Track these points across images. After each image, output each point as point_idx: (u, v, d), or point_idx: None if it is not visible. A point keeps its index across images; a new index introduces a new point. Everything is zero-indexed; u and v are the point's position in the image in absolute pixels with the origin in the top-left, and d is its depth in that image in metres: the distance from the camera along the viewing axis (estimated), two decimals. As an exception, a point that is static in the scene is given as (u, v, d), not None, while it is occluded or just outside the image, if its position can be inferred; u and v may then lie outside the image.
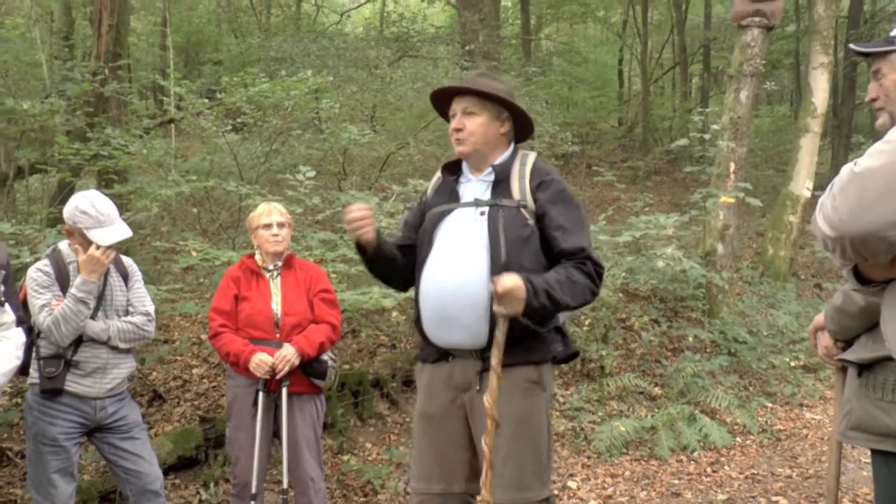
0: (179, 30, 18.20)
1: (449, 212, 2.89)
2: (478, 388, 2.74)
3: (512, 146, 2.96)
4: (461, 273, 2.74)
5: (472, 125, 2.86)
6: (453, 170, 3.03)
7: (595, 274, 2.73)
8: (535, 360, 2.75)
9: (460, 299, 2.71)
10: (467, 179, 2.97)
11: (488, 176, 2.89)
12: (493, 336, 2.61)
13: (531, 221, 2.75)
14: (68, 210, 3.49)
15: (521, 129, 3.00)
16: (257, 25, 18.58)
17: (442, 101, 3.01)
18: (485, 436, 2.54)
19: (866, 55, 2.22)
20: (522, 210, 2.76)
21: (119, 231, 3.53)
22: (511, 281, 2.51)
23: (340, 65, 11.51)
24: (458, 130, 2.87)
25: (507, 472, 2.68)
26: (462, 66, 11.37)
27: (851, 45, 2.31)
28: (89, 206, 3.46)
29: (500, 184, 2.85)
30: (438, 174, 3.09)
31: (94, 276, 3.45)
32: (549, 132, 11.07)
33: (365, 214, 2.82)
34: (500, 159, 2.89)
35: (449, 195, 2.96)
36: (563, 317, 2.87)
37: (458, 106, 2.90)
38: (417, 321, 2.92)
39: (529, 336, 2.72)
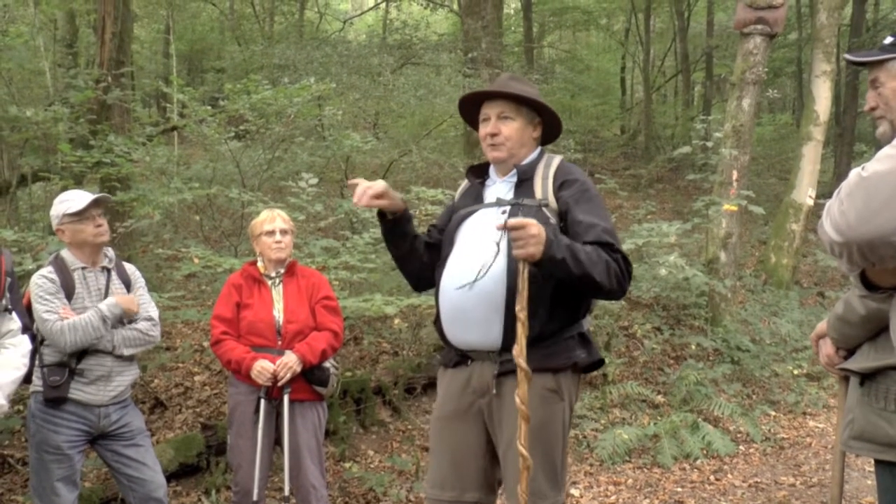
0: (182, 37, 18.25)
1: (472, 213, 2.88)
2: (495, 392, 2.72)
3: (539, 149, 2.96)
4: (477, 272, 2.71)
5: (508, 130, 2.84)
6: (479, 173, 3.03)
7: (625, 268, 2.66)
8: (553, 368, 2.70)
9: (476, 297, 2.69)
10: (493, 182, 2.96)
11: (512, 177, 2.88)
12: (511, 335, 2.58)
13: (553, 220, 2.70)
14: (52, 211, 3.62)
15: (548, 131, 3.00)
16: (260, 33, 18.62)
17: (468, 105, 2.99)
18: (518, 439, 2.51)
19: (862, 65, 2.22)
20: (544, 209, 2.72)
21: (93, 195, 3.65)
22: (526, 219, 2.47)
23: (343, 72, 11.53)
24: (494, 135, 2.85)
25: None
26: (465, 74, 11.39)
27: (846, 56, 2.30)
28: (65, 195, 3.66)
29: (524, 184, 2.83)
30: (465, 180, 3.09)
31: (121, 308, 3.57)
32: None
33: (374, 192, 2.74)
34: (525, 161, 2.88)
35: (474, 198, 2.96)
36: (587, 323, 2.83)
37: (491, 111, 2.87)
38: (437, 321, 2.91)
39: (549, 340, 2.69)
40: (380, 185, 2.76)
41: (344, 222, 7.97)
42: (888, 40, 2.15)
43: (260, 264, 4.07)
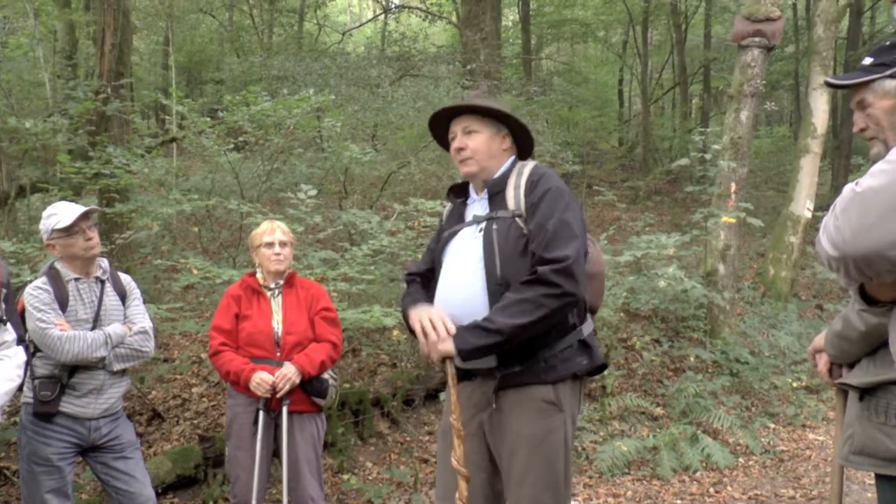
0: (182, 49, 18.29)
1: (455, 233, 2.90)
2: (494, 406, 2.72)
3: (511, 159, 2.94)
4: (461, 292, 2.74)
5: (474, 143, 2.86)
6: (460, 193, 3.04)
7: (548, 276, 2.55)
8: (551, 380, 2.68)
9: (463, 318, 2.70)
10: (473, 200, 2.97)
11: (486, 193, 2.89)
12: (500, 356, 2.65)
13: (527, 230, 2.70)
14: (41, 225, 3.60)
15: (522, 145, 2.99)
16: (259, 44, 18.66)
17: (439, 127, 3.02)
18: (452, 452, 2.61)
19: (845, 87, 2.22)
20: (517, 220, 2.72)
21: (81, 207, 3.62)
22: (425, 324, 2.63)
23: (342, 84, 11.55)
24: (461, 150, 2.87)
25: (523, 494, 2.66)
26: (463, 86, 11.40)
27: (827, 80, 2.31)
28: (53, 208, 3.61)
29: (496, 197, 2.83)
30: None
31: (122, 339, 3.60)
32: (550, 151, 11.08)
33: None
34: (496, 174, 2.88)
35: (458, 218, 2.97)
36: (587, 329, 2.79)
37: (457, 127, 2.91)
38: None
39: (546, 353, 2.68)
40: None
41: (343, 234, 7.97)
42: (867, 61, 2.16)
43: (259, 275, 4.07)
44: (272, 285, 4.03)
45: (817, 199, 11.36)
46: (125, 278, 3.85)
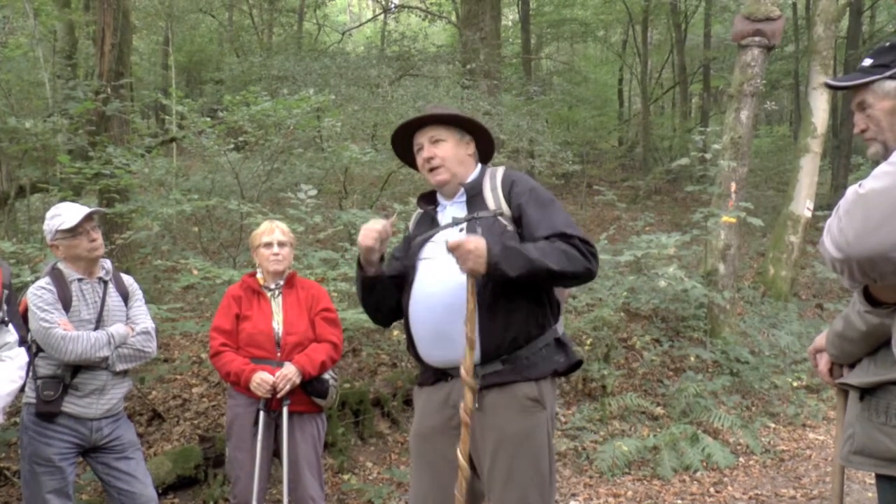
0: (181, 49, 18.30)
1: (431, 237, 2.92)
2: (476, 405, 2.71)
3: (480, 166, 3.03)
4: (447, 288, 2.75)
5: (443, 151, 2.91)
6: (430, 200, 3.08)
7: (584, 249, 2.66)
8: (534, 377, 2.73)
9: (449, 314, 2.72)
10: (444, 207, 3.01)
11: (461, 197, 2.95)
12: (487, 348, 2.68)
13: (510, 227, 2.77)
14: (45, 226, 3.61)
15: (484, 149, 3.07)
16: (259, 44, 18.65)
17: (401, 144, 3.07)
18: (458, 447, 2.61)
19: (846, 89, 2.22)
20: (500, 218, 2.79)
21: (85, 209, 3.62)
22: (464, 238, 2.56)
23: (342, 83, 11.55)
24: (431, 159, 2.91)
25: (510, 494, 2.66)
26: (463, 85, 11.41)
27: (828, 82, 2.32)
28: (57, 209, 3.62)
29: (474, 199, 2.89)
30: (418, 209, 3.14)
31: (125, 340, 3.61)
32: (550, 151, 11.10)
33: (380, 234, 2.81)
34: (470, 179, 2.95)
35: (429, 224, 3.00)
36: (561, 328, 2.85)
37: (422, 139, 2.95)
38: (410, 345, 2.93)
39: (527, 350, 2.72)
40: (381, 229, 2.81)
41: (343, 234, 7.97)
42: (867, 62, 2.18)
43: (259, 276, 4.07)
44: (272, 286, 4.03)
45: (817, 199, 11.35)
46: (127, 279, 3.86)
